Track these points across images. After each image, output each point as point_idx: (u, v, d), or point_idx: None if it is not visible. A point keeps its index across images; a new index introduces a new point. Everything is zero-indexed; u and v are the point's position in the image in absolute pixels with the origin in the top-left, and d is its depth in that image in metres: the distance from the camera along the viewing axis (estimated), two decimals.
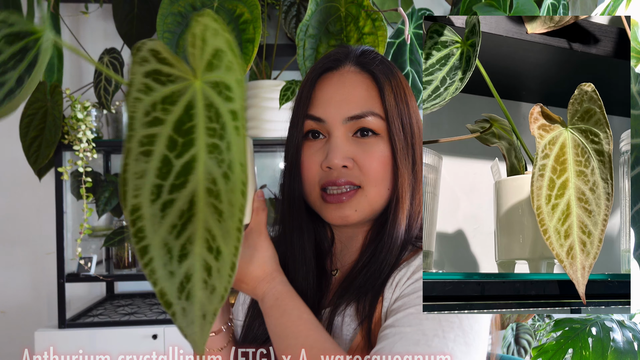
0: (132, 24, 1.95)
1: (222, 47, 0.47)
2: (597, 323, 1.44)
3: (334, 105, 0.76)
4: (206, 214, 0.46)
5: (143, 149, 0.46)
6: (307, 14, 1.47)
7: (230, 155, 0.46)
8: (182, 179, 0.46)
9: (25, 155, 1.88)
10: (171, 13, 1.46)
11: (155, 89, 0.47)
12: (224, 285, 0.45)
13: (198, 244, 0.46)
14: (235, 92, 0.46)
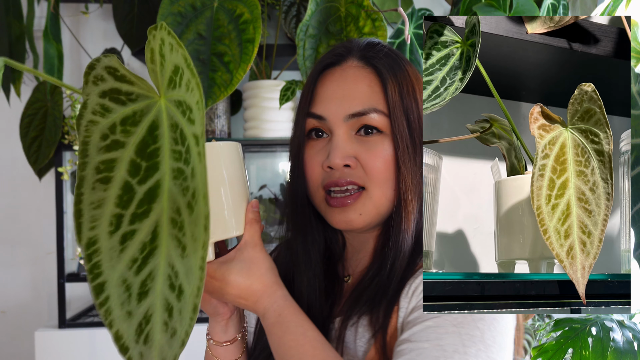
0: (132, 24, 1.95)
1: (180, 64, 0.42)
2: (597, 323, 1.44)
3: (335, 102, 0.72)
4: (169, 248, 0.41)
5: (100, 176, 0.42)
6: (307, 14, 1.47)
7: (194, 182, 0.41)
8: (144, 207, 0.42)
9: (26, 155, 1.88)
10: (171, 13, 1.46)
11: (114, 109, 0.43)
12: (184, 328, 0.40)
13: (160, 281, 0.41)
14: (196, 115, 0.41)
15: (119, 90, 0.44)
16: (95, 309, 2.02)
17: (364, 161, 0.70)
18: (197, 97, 0.41)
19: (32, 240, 2.22)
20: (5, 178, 2.22)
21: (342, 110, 0.71)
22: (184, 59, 0.42)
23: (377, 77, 0.72)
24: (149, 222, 0.42)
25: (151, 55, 0.44)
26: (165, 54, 0.43)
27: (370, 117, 0.70)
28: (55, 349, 1.81)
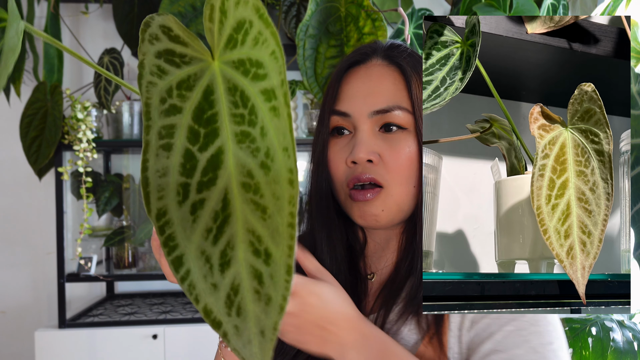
0: (132, 24, 1.95)
1: (249, 17, 0.39)
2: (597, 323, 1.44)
3: (360, 99, 0.73)
4: (245, 213, 0.39)
5: (163, 142, 0.40)
6: (307, 14, 1.47)
7: (266, 141, 0.39)
8: (209, 175, 0.40)
9: (26, 155, 1.88)
10: (171, 13, 1.46)
11: (169, 71, 0.41)
12: (281, 292, 0.37)
13: (241, 248, 0.38)
14: (270, 67, 0.39)
15: (173, 51, 0.42)
16: (95, 309, 2.02)
17: (386, 158, 0.71)
18: (273, 47, 0.38)
19: (32, 240, 2.22)
20: (5, 178, 2.22)
21: (366, 107, 0.72)
22: (255, 10, 0.39)
23: (401, 76, 0.73)
24: (217, 190, 0.39)
25: (210, 12, 0.40)
26: (227, 10, 0.40)
27: (394, 114, 0.71)
28: (55, 349, 1.81)
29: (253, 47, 0.39)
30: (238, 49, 0.40)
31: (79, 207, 2.07)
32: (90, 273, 1.89)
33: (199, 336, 1.84)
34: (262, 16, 0.38)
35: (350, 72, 0.76)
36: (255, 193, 0.38)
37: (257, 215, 0.38)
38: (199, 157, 0.40)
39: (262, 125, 0.39)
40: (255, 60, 0.39)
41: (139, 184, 2.01)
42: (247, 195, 0.39)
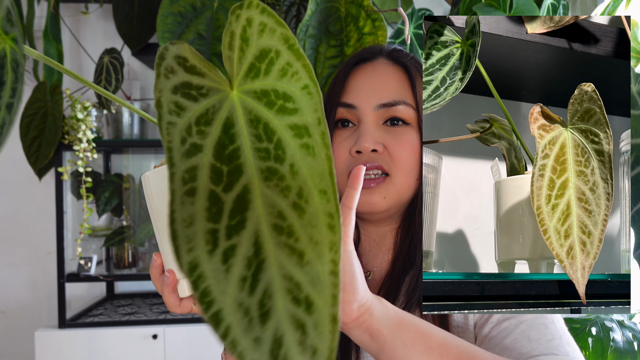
0: (132, 24, 1.95)
1: (275, 47, 0.38)
2: (597, 323, 1.44)
3: (367, 92, 0.76)
4: (280, 258, 0.36)
5: (186, 188, 0.36)
6: (307, 14, 1.47)
7: (298, 180, 0.37)
8: (237, 217, 0.37)
9: (26, 155, 1.88)
10: (171, 13, 1.46)
11: (187, 107, 0.38)
12: (327, 344, 0.34)
13: (279, 296, 0.35)
14: (302, 102, 0.37)
15: (190, 84, 0.39)
16: (95, 309, 2.02)
17: (390, 149, 0.74)
18: (305, 81, 0.37)
19: (32, 240, 2.22)
20: (5, 178, 2.22)
21: (373, 100, 0.76)
22: (283, 40, 0.37)
23: (405, 74, 0.77)
24: (247, 234, 0.36)
25: (230, 39, 0.39)
26: (249, 37, 0.38)
27: (398, 108, 0.75)
28: (55, 349, 1.81)
29: (280, 79, 0.38)
30: (261, 79, 0.38)
31: (79, 207, 2.07)
32: (90, 273, 1.89)
33: (199, 336, 1.84)
34: (292, 47, 0.37)
35: (357, 68, 0.80)
36: (289, 236, 0.36)
37: (293, 261, 0.36)
38: (225, 198, 0.37)
39: (292, 162, 0.37)
40: (282, 92, 0.38)
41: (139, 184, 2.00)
42: (279, 238, 0.36)
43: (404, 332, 0.53)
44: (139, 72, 2.25)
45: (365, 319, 0.52)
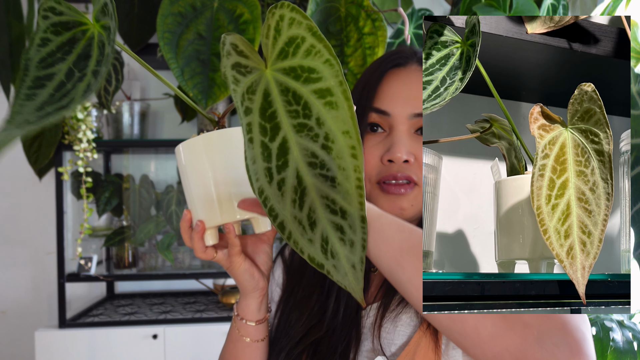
0: (132, 24, 1.95)
1: (301, 34, 0.50)
2: (597, 323, 1.44)
3: (401, 100, 0.76)
4: (317, 184, 0.51)
5: (249, 136, 0.51)
6: (307, 14, 1.47)
7: (324, 128, 0.50)
8: (282, 159, 0.51)
9: (26, 155, 1.88)
10: (171, 13, 1.46)
11: (240, 80, 0.52)
12: (360, 236, 0.50)
13: (320, 211, 0.51)
14: (325, 72, 0.50)
15: (240, 64, 0.52)
16: (95, 309, 2.02)
17: (421, 159, 0.75)
18: (327, 56, 0.50)
19: (32, 240, 2.22)
20: (5, 178, 2.22)
21: (407, 109, 0.76)
22: (308, 29, 0.50)
23: None
24: (291, 170, 0.51)
25: (267, 31, 0.52)
26: (281, 29, 0.51)
27: None
28: (55, 349, 1.81)
29: (305, 57, 0.51)
30: (289, 59, 0.51)
31: (79, 207, 2.07)
32: (90, 273, 1.89)
33: (199, 336, 1.84)
34: (316, 33, 0.50)
35: (390, 72, 0.80)
36: (322, 168, 0.51)
37: (328, 185, 0.51)
38: (271, 146, 0.51)
39: (318, 117, 0.51)
40: (307, 67, 0.51)
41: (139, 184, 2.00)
42: (314, 171, 0.51)
43: (382, 217, 0.59)
44: (139, 72, 2.25)
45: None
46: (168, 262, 2.04)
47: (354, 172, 0.50)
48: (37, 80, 0.53)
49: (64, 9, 0.55)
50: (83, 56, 0.54)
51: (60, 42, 0.54)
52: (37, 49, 0.54)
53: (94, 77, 0.53)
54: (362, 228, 0.50)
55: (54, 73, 0.53)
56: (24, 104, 0.52)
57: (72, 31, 0.55)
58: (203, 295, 2.25)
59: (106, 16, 0.54)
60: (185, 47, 1.47)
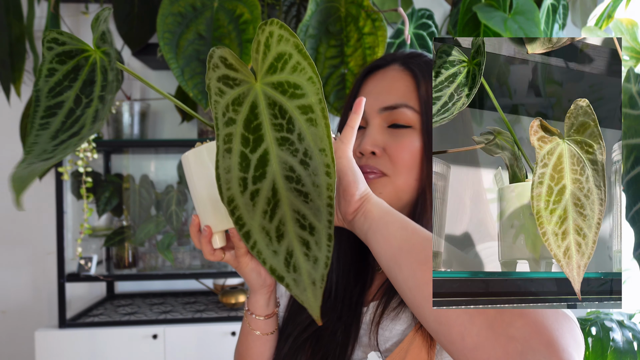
0: (132, 24, 1.95)
1: (289, 51, 0.53)
2: (597, 323, 1.45)
3: (373, 96, 0.80)
4: (291, 198, 0.52)
5: (226, 147, 0.53)
6: (307, 14, 1.48)
7: (304, 144, 0.52)
8: (260, 171, 0.53)
9: None
10: (171, 13, 1.46)
11: (226, 92, 0.54)
12: (324, 254, 0.51)
13: (290, 224, 0.52)
14: (307, 89, 0.52)
15: (228, 76, 0.54)
16: (95, 309, 2.03)
17: (390, 151, 0.77)
18: (310, 74, 0.52)
19: (32, 240, 2.22)
20: (5, 178, 2.22)
21: (377, 103, 0.79)
22: (294, 46, 0.52)
23: (413, 79, 0.80)
24: (267, 182, 0.52)
25: (257, 46, 0.54)
26: (270, 45, 0.53)
27: (401, 110, 0.78)
28: (55, 349, 1.81)
29: (292, 73, 0.52)
30: (277, 74, 0.53)
31: (79, 207, 2.07)
32: (90, 273, 1.90)
33: (199, 336, 1.85)
34: (301, 51, 0.52)
35: (371, 74, 0.83)
36: (297, 183, 0.52)
37: (301, 200, 0.52)
38: (251, 157, 0.53)
39: (299, 132, 0.52)
40: (293, 82, 0.52)
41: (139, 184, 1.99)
42: (290, 185, 0.52)
43: (388, 214, 0.62)
44: (139, 72, 2.25)
45: (364, 205, 0.63)
46: (168, 262, 2.04)
47: (326, 190, 0.51)
48: (49, 110, 0.56)
49: (66, 38, 0.58)
50: (88, 82, 0.57)
51: (66, 70, 0.57)
52: (45, 79, 0.57)
53: (101, 103, 0.55)
54: (327, 246, 0.51)
55: (63, 101, 0.56)
56: (39, 134, 0.55)
57: (75, 59, 0.58)
58: (203, 295, 2.26)
59: (105, 43, 0.57)
60: (186, 47, 1.47)
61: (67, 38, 0.58)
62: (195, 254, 2.03)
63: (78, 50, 0.58)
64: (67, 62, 0.58)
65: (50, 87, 0.57)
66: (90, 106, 0.56)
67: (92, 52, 0.58)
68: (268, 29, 0.53)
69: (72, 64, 0.58)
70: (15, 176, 0.52)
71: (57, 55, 0.58)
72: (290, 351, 0.79)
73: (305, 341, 0.78)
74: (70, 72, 0.57)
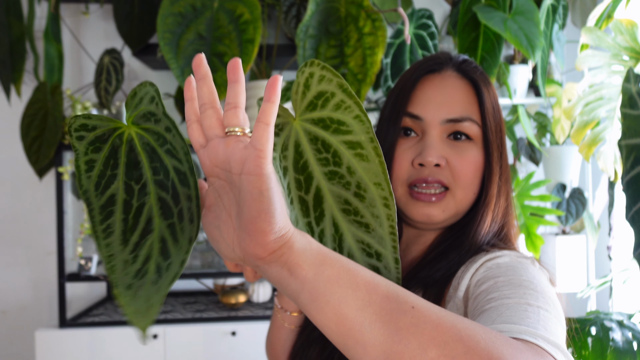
0: (132, 24, 1.95)
1: (330, 90, 0.52)
2: (597, 323, 1.44)
3: (434, 105, 0.77)
4: (352, 230, 0.54)
5: (290, 198, 0.55)
6: (307, 14, 1.48)
7: (356, 177, 0.52)
8: (319, 210, 0.54)
9: (26, 155, 1.89)
10: (171, 13, 1.46)
11: (276, 143, 0.54)
12: (395, 276, 0.54)
13: (357, 254, 0.54)
14: (355, 127, 0.52)
15: (276, 125, 0.54)
16: (95, 309, 2.02)
17: (453, 164, 0.76)
18: (357, 112, 0.51)
19: (32, 240, 2.22)
20: (5, 178, 2.22)
21: (440, 114, 0.77)
22: (338, 86, 0.51)
23: (473, 90, 0.79)
24: (327, 220, 0.54)
25: (296, 87, 0.53)
26: (310, 85, 0.52)
27: (464, 124, 0.76)
28: (55, 349, 1.81)
29: (335, 111, 0.52)
30: (318, 111, 0.53)
31: (79, 207, 2.07)
32: (90, 273, 1.90)
33: (199, 336, 1.84)
34: (346, 90, 0.51)
35: (425, 78, 0.80)
36: (355, 215, 0.53)
37: (362, 230, 0.53)
38: (307, 198, 0.54)
39: (349, 165, 0.52)
40: (336, 119, 0.52)
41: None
42: (348, 217, 0.53)
43: (327, 268, 0.46)
44: (139, 72, 2.25)
45: (284, 252, 0.46)
46: None
47: (387, 220, 0.52)
48: (103, 210, 0.50)
49: (96, 122, 0.52)
50: (132, 165, 0.51)
51: (103, 157, 0.51)
52: (87, 176, 0.50)
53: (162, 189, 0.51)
54: (396, 269, 0.53)
55: (113, 194, 0.50)
56: (108, 242, 0.49)
57: (109, 141, 0.52)
58: (203, 295, 2.25)
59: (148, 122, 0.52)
60: (186, 47, 1.47)
61: (97, 121, 0.52)
62: (196, 254, 2.03)
63: (109, 131, 0.52)
64: (103, 147, 0.51)
65: (95, 183, 0.50)
66: (146, 193, 0.51)
67: (125, 127, 0.52)
68: (308, 70, 0.52)
69: (107, 149, 0.51)
70: (130, 310, 0.47)
71: (90, 143, 0.51)
72: (303, 346, 0.81)
73: (317, 338, 0.79)
74: (108, 157, 0.51)
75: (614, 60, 1.26)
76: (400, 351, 0.42)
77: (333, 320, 0.45)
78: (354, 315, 0.44)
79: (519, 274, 0.64)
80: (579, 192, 1.93)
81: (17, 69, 1.91)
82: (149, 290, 0.48)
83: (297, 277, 0.46)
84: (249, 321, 1.86)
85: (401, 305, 0.44)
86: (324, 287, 0.45)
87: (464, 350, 0.41)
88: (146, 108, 0.52)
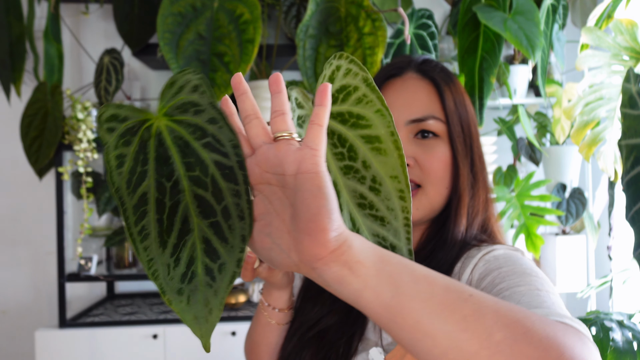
0: (132, 24, 1.95)
1: (354, 84, 0.52)
2: (597, 323, 1.44)
3: (397, 108, 0.79)
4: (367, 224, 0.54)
5: None
6: (307, 14, 1.48)
7: (371, 171, 0.52)
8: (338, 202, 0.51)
9: (26, 155, 1.89)
10: (171, 13, 1.46)
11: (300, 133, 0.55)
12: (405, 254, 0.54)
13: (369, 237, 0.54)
14: (375, 121, 0.51)
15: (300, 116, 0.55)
16: (95, 309, 2.02)
17: (421, 162, 0.78)
18: (378, 106, 0.51)
19: (32, 240, 2.22)
20: (5, 178, 2.22)
21: (403, 117, 0.79)
22: (363, 80, 0.51)
23: (434, 88, 0.81)
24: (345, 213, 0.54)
25: (322, 80, 0.53)
26: (335, 79, 0.53)
27: (428, 123, 0.78)
28: (55, 349, 1.81)
29: (355, 105, 0.52)
30: (337, 105, 0.53)
31: (79, 207, 2.07)
32: (90, 273, 1.90)
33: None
34: (370, 84, 0.51)
35: (387, 84, 0.83)
36: (370, 209, 0.53)
37: (378, 224, 0.53)
38: None
39: (364, 160, 0.52)
40: (356, 113, 0.52)
41: None
42: (364, 211, 0.54)
43: (387, 264, 0.46)
44: (139, 72, 2.25)
45: (344, 251, 0.45)
46: None
47: (401, 213, 0.52)
48: (137, 210, 0.47)
49: (127, 112, 0.48)
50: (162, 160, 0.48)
51: (133, 152, 0.47)
52: (117, 172, 0.47)
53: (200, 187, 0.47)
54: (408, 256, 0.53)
55: (145, 192, 0.47)
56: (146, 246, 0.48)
57: (138, 134, 0.48)
58: None
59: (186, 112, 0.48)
60: (186, 47, 1.47)
61: (128, 111, 0.48)
62: None
63: (138, 123, 0.48)
64: (132, 141, 0.47)
65: (127, 180, 0.47)
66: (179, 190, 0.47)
67: (154, 119, 0.48)
68: (335, 63, 0.52)
69: (137, 142, 0.47)
70: (188, 317, 0.47)
71: (121, 136, 0.47)
72: (296, 349, 0.81)
73: (311, 339, 0.80)
74: (138, 152, 0.47)
75: (614, 60, 1.25)
76: (468, 338, 0.43)
77: (400, 315, 0.44)
78: (420, 308, 0.44)
79: (519, 264, 0.67)
80: (579, 192, 1.92)
81: (17, 69, 1.91)
82: (206, 294, 0.47)
83: (359, 275, 0.45)
84: (249, 321, 1.86)
85: (461, 294, 0.45)
86: (387, 282, 0.45)
87: (523, 331, 0.43)
88: (186, 97, 0.48)
